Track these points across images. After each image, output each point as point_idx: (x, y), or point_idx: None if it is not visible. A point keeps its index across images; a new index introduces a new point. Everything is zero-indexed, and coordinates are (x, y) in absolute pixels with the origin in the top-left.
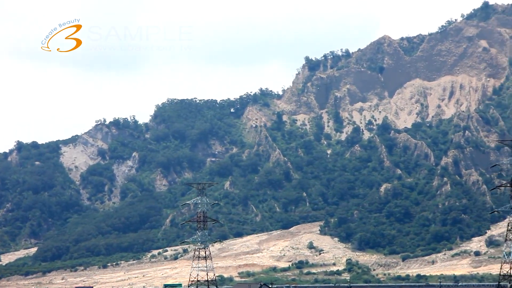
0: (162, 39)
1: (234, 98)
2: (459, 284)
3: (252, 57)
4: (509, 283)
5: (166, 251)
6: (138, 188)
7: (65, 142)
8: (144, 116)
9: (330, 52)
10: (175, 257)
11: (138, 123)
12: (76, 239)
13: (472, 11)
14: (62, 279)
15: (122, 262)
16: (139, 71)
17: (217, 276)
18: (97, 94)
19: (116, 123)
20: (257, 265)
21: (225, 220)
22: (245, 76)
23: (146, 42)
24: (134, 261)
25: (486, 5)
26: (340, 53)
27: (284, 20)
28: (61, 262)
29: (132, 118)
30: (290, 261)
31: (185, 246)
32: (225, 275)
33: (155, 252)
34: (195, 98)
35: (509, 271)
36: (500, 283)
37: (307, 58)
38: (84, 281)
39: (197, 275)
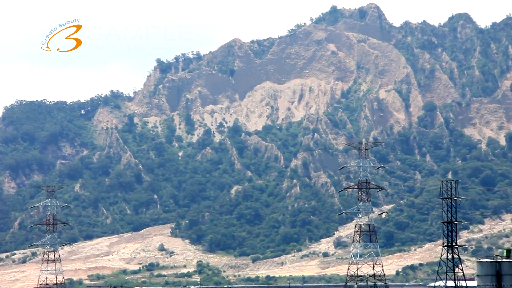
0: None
1: (84, 100)
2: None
3: (102, 59)
4: (356, 283)
5: (15, 254)
6: None
7: None
8: None
9: (182, 54)
10: (24, 260)
11: None
12: None
13: (321, 15)
14: None
15: None
16: None
17: (66, 279)
18: None
19: None
20: (107, 267)
21: (75, 222)
22: (95, 77)
23: None
24: None
25: (334, 9)
26: (191, 56)
27: (135, 21)
28: None
29: None
30: (141, 264)
31: (34, 249)
32: (75, 278)
33: (3, 255)
34: (44, 99)
35: (356, 272)
36: (347, 284)
37: (158, 60)
38: None
39: (46, 278)
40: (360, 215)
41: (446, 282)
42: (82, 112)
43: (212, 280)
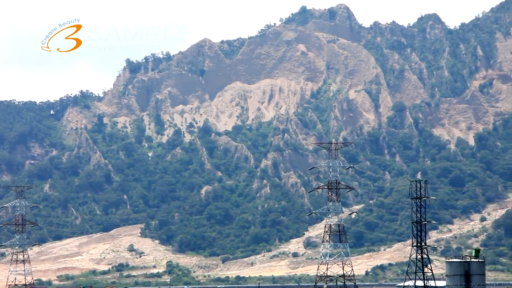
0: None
1: (54, 100)
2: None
3: (71, 59)
4: (326, 283)
5: None
6: None
7: None
8: None
9: (151, 54)
10: None
11: None
12: None
13: (291, 16)
14: None
15: None
16: None
17: (35, 280)
18: None
19: None
20: (77, 268)
21: (44, 223)
22: (65, 77)
23: None
24: None
25: (304, 10)
26: (161, 56)
27: (104, 21)
28: None
29: None
30: (110, 264)
31: (3, 250)
32: (44, 279)
33: None
34: (13, 100)
35: (325, 272)
36: (317, 284)
37: (128, 60)
38: None
39: (15, 279)
40: (330, 215)
41: (415, 282)
42: (52, 112)
43: (182, 281)
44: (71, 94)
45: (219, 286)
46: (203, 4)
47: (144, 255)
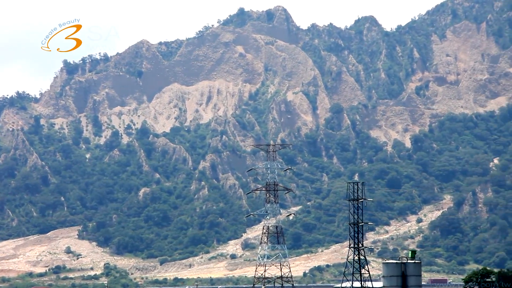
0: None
1: None
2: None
3: (7, 59)
4: (263, 285)
5: None
6: None
7: None
8: None
9: (89, 55)
10: None
11: None
12: None
13: (228, 17)
14: None
15: None
16: None
17: None
18: None
19: None
20: (13, 270)
21: None
22: (0, 78)
23: None
24: None
25: (241, 12)
26: (98, 57)
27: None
28: None
29: None
30: (47, 266)
31: None
32: None
33: None
34: None
35: (263, 274)
36: (255, 285)
37: (65, 62)
38: None
39: None
40: (267, 217)
41: (352, 283)
42: None
43: (119, 283)
44: (7, 95)
45: None
46: (141, 5)
47: (81, 257)
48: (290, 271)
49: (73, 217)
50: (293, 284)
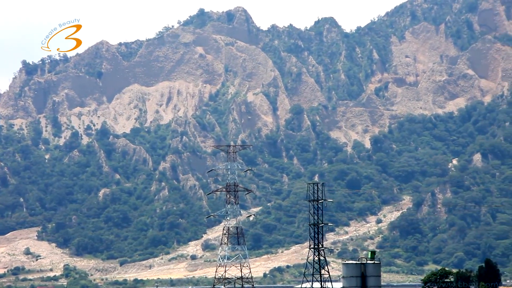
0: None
1: None
2: None
3: None
4: (224, 286)
5: None
6: None
7: None
8: None
9: (48, 56)
10: None
11: None
12: None
13: (189, 18)
14: None
15: None
16: None
17: None
18: None
19: None
20: None
21: None
22: None
23: None
24: None
25: (202, 12)
26: (58, 58)
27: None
28: None
29: None
30: (6, 268)
31: None
32: None
33: None
34: None
35: (224, 274)
36: (215, 286)
37: (24, 62)
38: None
39: None
40: (228, 218)
41: (312, 283)
42: None
43: (79, 284)
44: None
45: None
46: (100, 5)
47: (40, 259)
48: (250, 272)
49: (32, 218)
50: (253, 285)
